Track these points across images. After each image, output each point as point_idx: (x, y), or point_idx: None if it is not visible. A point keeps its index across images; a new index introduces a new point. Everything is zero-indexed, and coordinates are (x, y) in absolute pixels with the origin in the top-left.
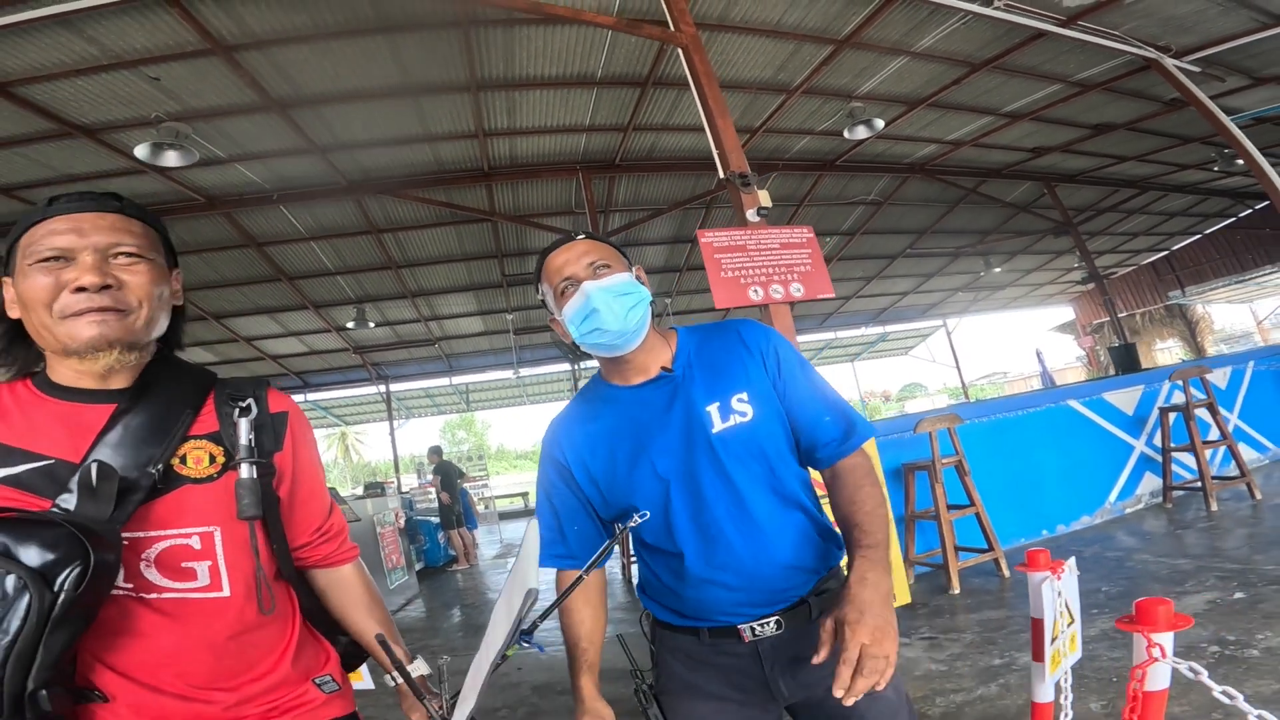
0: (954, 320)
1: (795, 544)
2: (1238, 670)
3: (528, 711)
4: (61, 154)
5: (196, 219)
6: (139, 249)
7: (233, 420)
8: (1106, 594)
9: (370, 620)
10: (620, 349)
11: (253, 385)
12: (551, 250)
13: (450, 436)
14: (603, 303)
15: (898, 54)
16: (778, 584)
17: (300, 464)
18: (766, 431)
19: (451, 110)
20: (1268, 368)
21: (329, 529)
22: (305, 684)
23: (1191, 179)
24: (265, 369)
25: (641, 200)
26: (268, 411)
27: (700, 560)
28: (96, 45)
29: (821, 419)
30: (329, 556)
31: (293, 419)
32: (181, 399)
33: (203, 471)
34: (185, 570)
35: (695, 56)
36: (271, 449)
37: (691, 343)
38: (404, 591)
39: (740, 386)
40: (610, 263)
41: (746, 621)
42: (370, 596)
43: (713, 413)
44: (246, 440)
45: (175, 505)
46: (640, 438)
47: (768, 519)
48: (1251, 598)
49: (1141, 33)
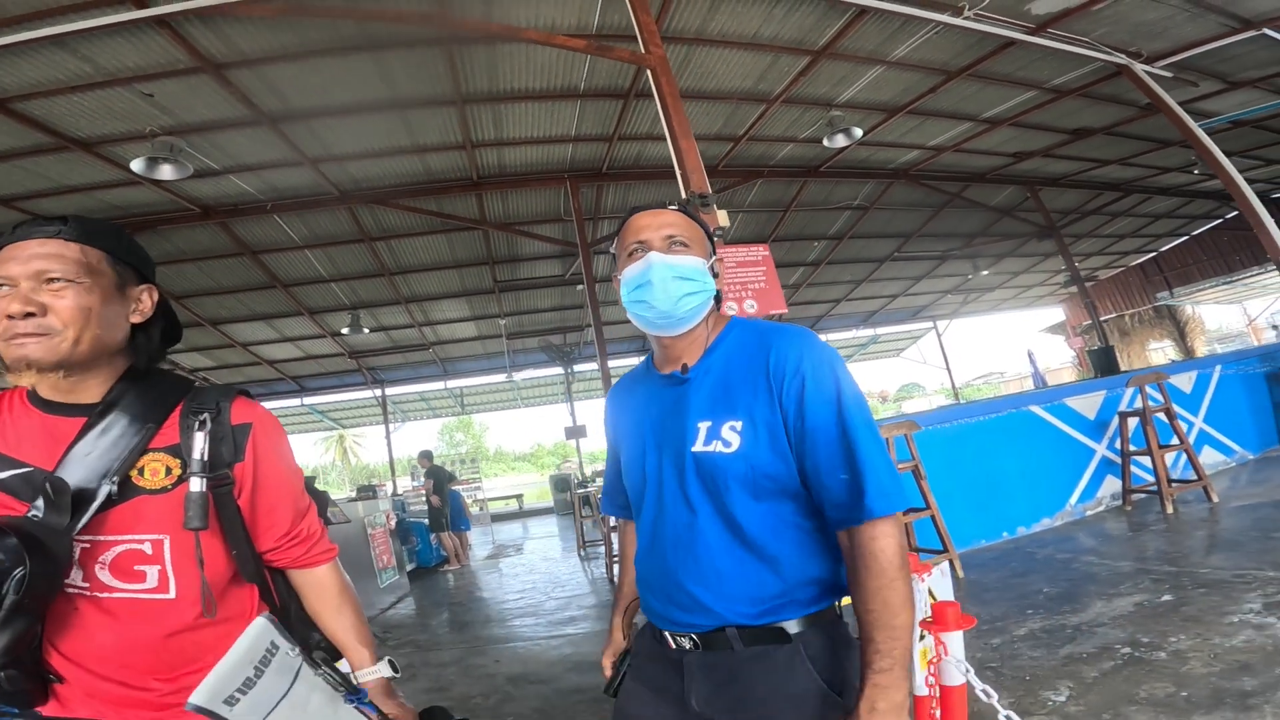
0: (944, 322)
1: (726, 590)
2: (1140, 671)
3: (500, 699)
4: (59, 166)
5: (193, 228)
6: (67, 274)
7: (191, 433)
8: (1046, 595)
9: (339, 620)
10: (661, 330)
11: (218, 396)
12: (640, 210)
13: (448, 439)
14: (660, 279)
15: (874, 63)
16: (693, 613)
17: (263, 474)
18: (743, 471)
19: (439, 123)
20: (1235, 371)
21: (298, 534)
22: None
23: (1175, 181)
24: (262, 374)
25: (630, 207)
26: (229, 424)
27: (644, 555)
28: (90, 64)
29: (834, 475)
30: (300, 559)
31: (257, 430)
32: (145, 413)
33: (158, 483)
34: (136, 573)
35: (663, 78)
36: (231, 460)
37: (728, 345)
38: (395, 590)
39: (739, 414)
40: (690, 243)
41: (668, 630)
42: (341, 598)
43: (701, 430)
44: (199, 454)
45: (131, 514)
46: (645, 429)
47: (705, 553)
48: (1178, 600)
49: (1111, 39)
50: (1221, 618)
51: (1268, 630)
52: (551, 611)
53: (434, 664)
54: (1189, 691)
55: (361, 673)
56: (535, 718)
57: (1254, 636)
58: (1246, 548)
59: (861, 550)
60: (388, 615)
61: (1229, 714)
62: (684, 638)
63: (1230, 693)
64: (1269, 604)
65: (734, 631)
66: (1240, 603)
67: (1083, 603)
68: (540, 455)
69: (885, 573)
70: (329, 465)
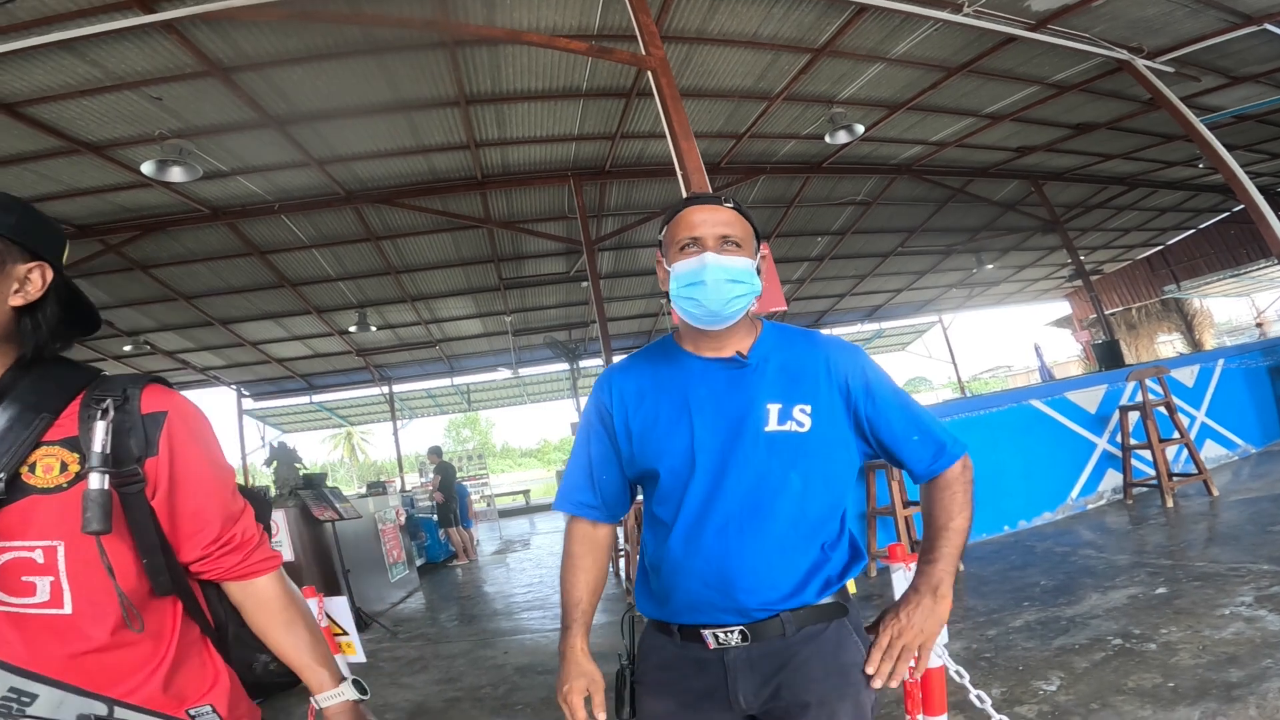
0: (950, 316)
1: (786, 567)
2: (1130, 662)
3: (508, 689)
4: (70, 169)
5: (202, 229)
6: None
7: (91, 424)
8: (1042, 588)
9: (290, 637)
10: (707, 325)
11: (126, 383)
12: (694, 203)
13: (455, 435)
14: (714, 279)
15: (874, 60)
16: (745, 597)
17: (181, 470)
18: (816, 450)
19: (443, 123)
20: (1238, 365)
21: (230, 539)
22: (176, 714)
23: (1180, 175)
24: (272, 372)
25: (634, 204)
26: (138, 413)
27: (682, 540)
28: (99, 68)
29: (910, 439)
30: (234, 569)
31: (172, 420)
32: (38, 403)
33: (51, 481)
34: (25, 585)
35: (663, 80)
36: (141, 454)
37: (773, 339)
38: (405, 585)
39: (808, 399)
40: (741, 243)
41: (711, 626)
42: (290, 612)
43: (771, 411)
44: (100, 446)
45: (20, 517)
46: (690, 406)
47: (772, 531)
48: (1171, 593)
49: (1112, 35)
50: (1213, 610)
51: (1258, 623)
52: (559, 605)
53: (444, 655)
54: (1176, 682)
55: (322, 696)
56: (543, 707)
57: (1244, 629)
58: (1243, 541)
59: (941, 485)
60: (398, 609)
61: (1213, 705)
62: (730, 633)
63: (1216, 684)
64: (1261, 597)
65: (788, 615)
66: (1233, 595)
67: (1078, 595)
68: (546, 451)
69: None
70: (337, 462)
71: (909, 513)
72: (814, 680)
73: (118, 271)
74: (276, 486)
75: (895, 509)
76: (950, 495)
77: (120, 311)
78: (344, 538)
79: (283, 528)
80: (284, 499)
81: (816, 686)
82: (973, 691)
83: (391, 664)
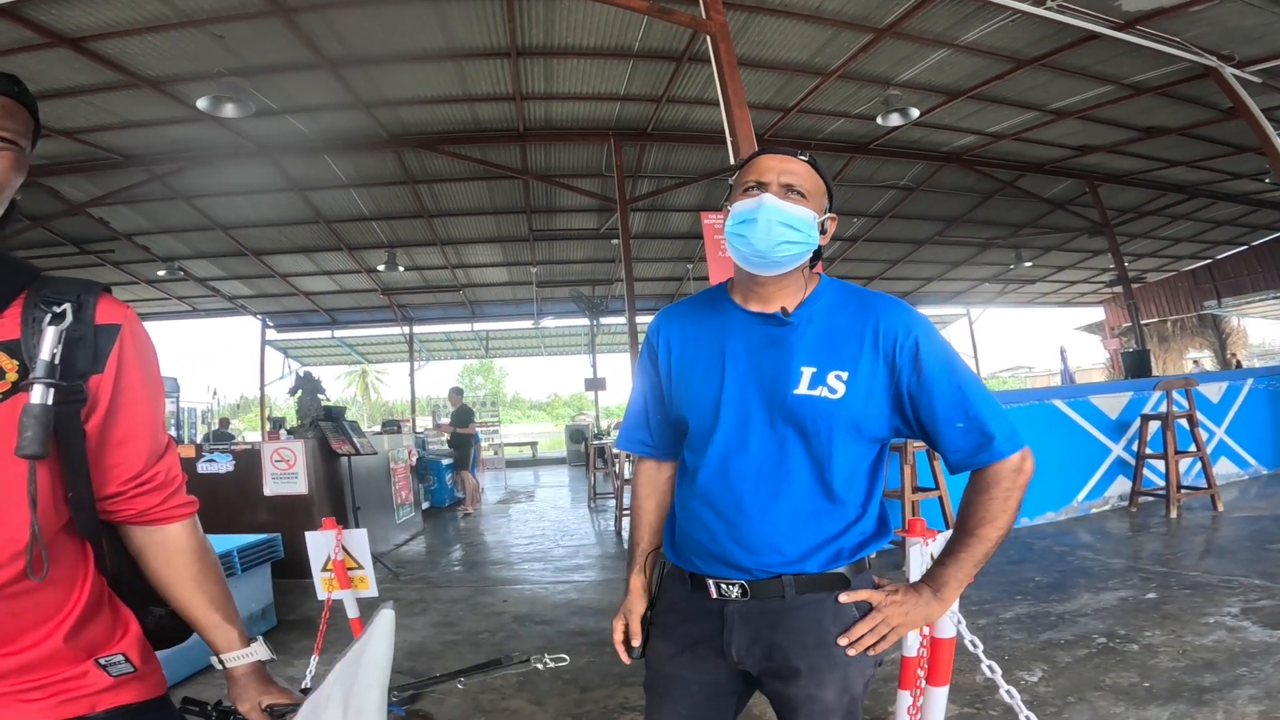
0: (978, 310)
1: (794, 533)
2: (1111, 660)
3: (506, 635)
4: (125, 102)
5: (244, 164)
6: (13, 134)
7: (39, 328)
8: (1036, 583)
9: (198, 592)
10: (753, 267)
11: (79, 288)
12: (768, 152)
13: (468, 381)
14: (765, 220)
15: (940, 46)
16: (746, 556)
17: (123, 393)
18: (845, 420)
19: (491, 74)
20: (1265, 386)
21: (152, 477)
22: (84, 663)
23: (1243, 189)
24: (297, 304)
25: (671, 168)
26: (92, 322)
27: (700, 491)
28: (169, 5)
29: (952, 424)
30: (148, 512)
31: (125, 335)
32: None
33: None
34: None
35: (722, 45)
36: (86, 370)
37: (825, 299)
38: (409, 528)
39: (846, 366)
40: (807, 195)
41: (715, 577)
42: (202, 564)
43: (804, 374)
44: (49, 355)
45: None
46: (725, 359)
47: (787, 495)
48: (1160, 598)
49: (1203, 41)
50: (1199, 618)
51: (1239, 633)
52: (559, 558)
53: (444, 600)
54: (1152, 683)
55: (229, 656)
56: (537, 654)
57: (1225, 638)
58: (1239, 556)
59: (985, 483)
60: (401, 551)
61: (1183, 707)
62: (732, 585)
63: (1189, 687)
64: (1248, 609)
65: (789, 579)
66: (1221, 605)
67: (1070, 593)
68: (556, 405)
69: (997, 497)
70: (350, 400)
71: (919, 498)
72: (807, 648)
73: (161, 200)
74: (299, 415)
75: (904, 493)
76: (987, 498)
77: (158, 238)
78: (357, 474)
79: (300, 458)
80: (303, 429)
81: (809, 654)
82: (985, 662)
83: (393, 605)
